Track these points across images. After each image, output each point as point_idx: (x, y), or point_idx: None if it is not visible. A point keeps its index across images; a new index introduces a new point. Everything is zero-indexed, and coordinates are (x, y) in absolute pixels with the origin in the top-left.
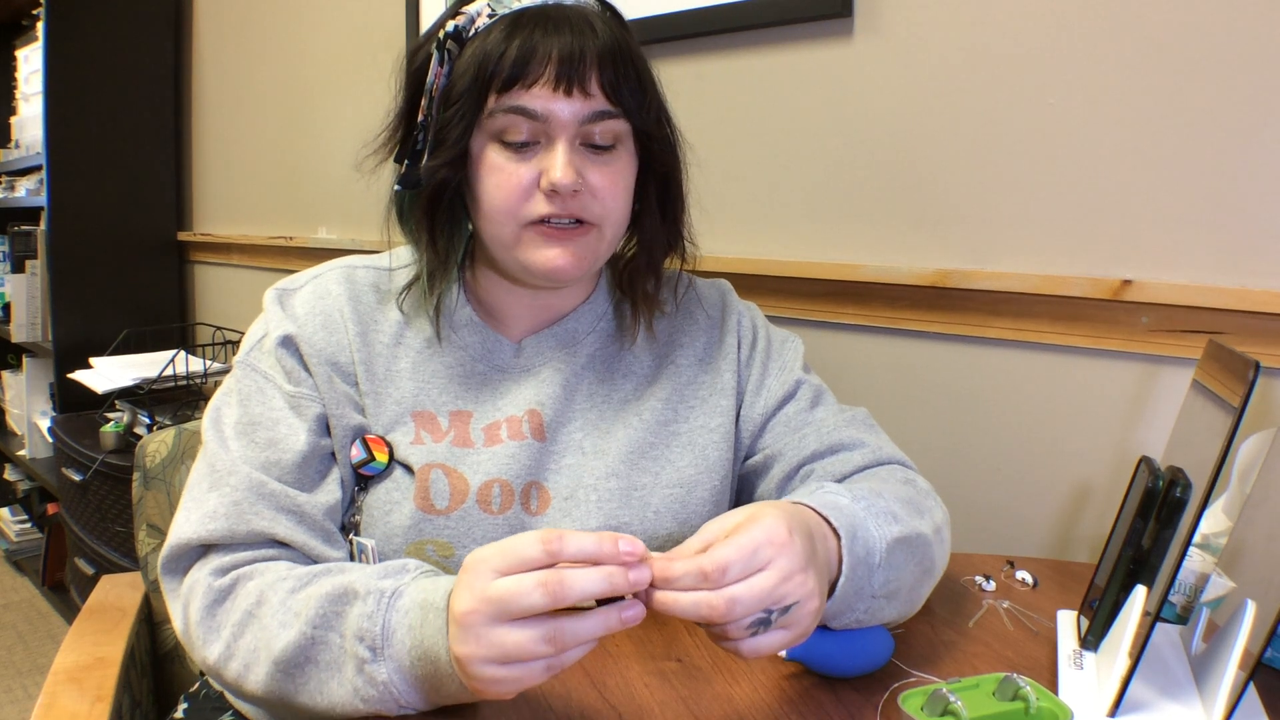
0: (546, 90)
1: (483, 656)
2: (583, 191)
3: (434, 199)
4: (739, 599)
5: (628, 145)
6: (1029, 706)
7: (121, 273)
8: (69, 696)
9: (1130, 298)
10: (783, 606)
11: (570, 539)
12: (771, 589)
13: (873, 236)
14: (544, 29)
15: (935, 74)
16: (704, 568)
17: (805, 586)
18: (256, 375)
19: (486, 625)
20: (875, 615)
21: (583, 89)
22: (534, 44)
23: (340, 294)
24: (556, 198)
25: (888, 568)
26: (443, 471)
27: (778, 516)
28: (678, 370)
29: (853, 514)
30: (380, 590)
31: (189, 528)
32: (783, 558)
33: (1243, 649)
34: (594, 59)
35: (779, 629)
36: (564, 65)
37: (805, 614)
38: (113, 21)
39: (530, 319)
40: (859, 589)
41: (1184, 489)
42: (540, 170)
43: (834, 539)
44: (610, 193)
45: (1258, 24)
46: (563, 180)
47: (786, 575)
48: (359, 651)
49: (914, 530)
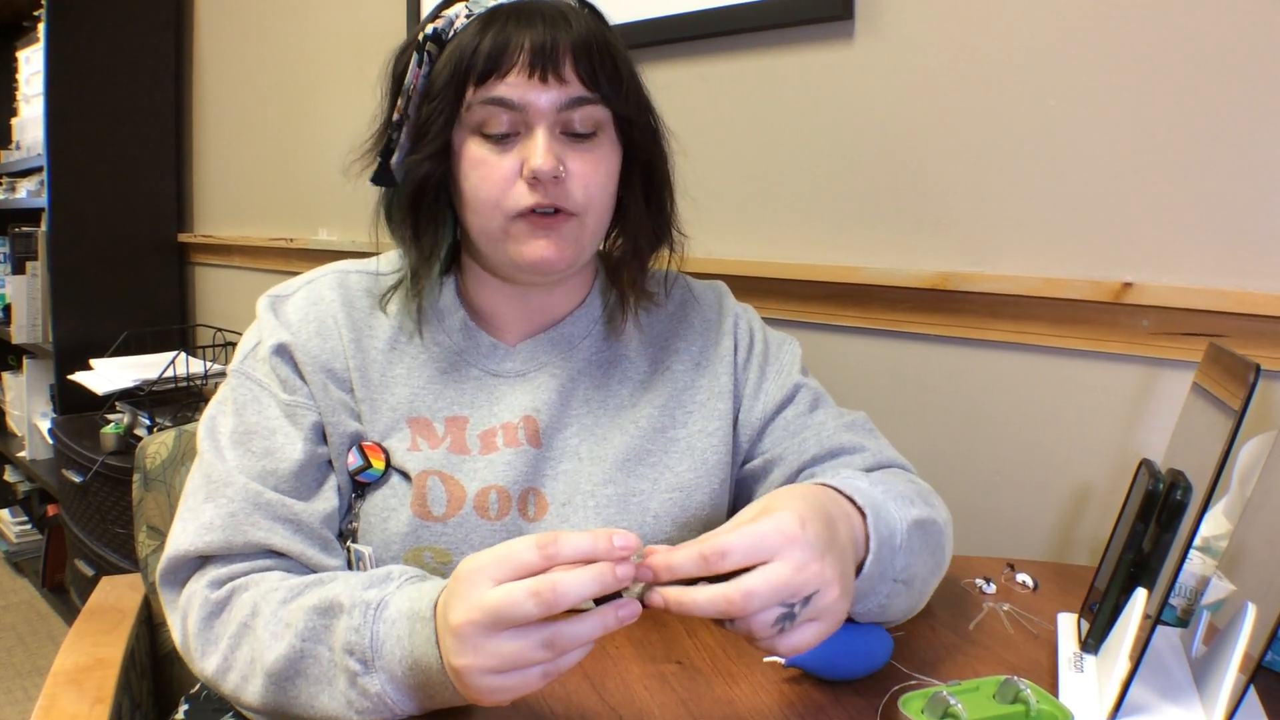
0: (521, 79)
1: (481, 667)
2: (564, 179)
3: (417, 194)
4: (754, 591)
5: (609, 133)
6: (1029, 709)
7: (122, 274)
8: (69, 698)
9: (1131, 300)
10: (803, 598)
11: (565, 541)
12: (786, 580)
13: (873, 239)
14: (517, 21)
15: (936, 76)
16: (703, 551)
17: (822, 575)
18: (251, 384)
19: (483, 636)
20: (894, 601)
21: (558, 76)
22: (507, 36)
23: (334, 300)
24: (539, 186)
25: (908, 551)
26: (439, 478)
27: (790, 508)
28: (674, 375)
29: (873, 495)
30: (365, 602)
31: (186, 540)
32: (794, 549)
33: (1243, 652)
34: (568, 46)
35: (808, 621)
36: (537, 54)
37: (830, 601)
38: (113, 22)
39: (524, 322)
40: (883, 570)
41: (1184, 492)
42: (522, 160)
43: (859, 518)
44: (592, 179)
45: (1258, 25)
46: (543, 166)
47: (800, 565)
48: (349, 665)
49: (928, 515)
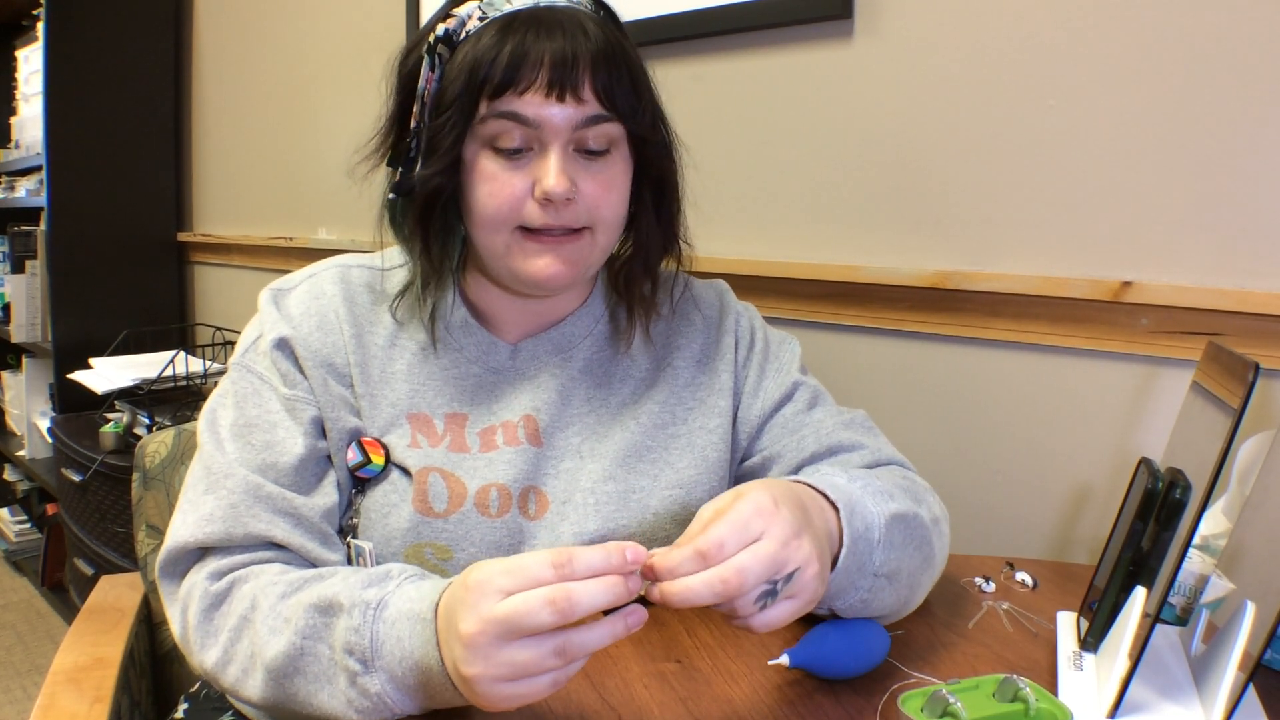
0: (539, 96)
1: (492, 676)
2: (576, 200)
3: (427, 207)
4: (746, 568)
5: (622, 149)
6: (1029, 708)
7: (121, 273)
8: (68, 697)
9: (1130, 299)
10: (786, 575)
11: (580, 559)
12: (774, 554)
13: (873, 238)
14: (536, 32)
15: (935, 75)
16: (700, 548)
17: (802, 551)
18: (252, 377)
19: (495, 645)
20: (878, 596)
21: (575, 94)
22: (526, 48)
23: (335, 294)
24: (550, 206)
25: (887, 545)
26: (440, 475)
27: (762, 490)
28: (675, 373)
29: (849, 491)
30: (365, 602)
31: (185, 531)
32: (775, 526)
33: (1242, 650)
34: (587, 62)
35: (785, 599)
36: (556, 70)
37: (808, 579)
38: (113, 21)
39: (525, 323)
40: (861, 565)
41: (1183, 490)
42: (533, 179)
43: (832, 512)
44: (604, 200)
45: (1257, 24)
46: (556, 189)
47: (783, 541)
48: (349, 665)
49: (910, 510)
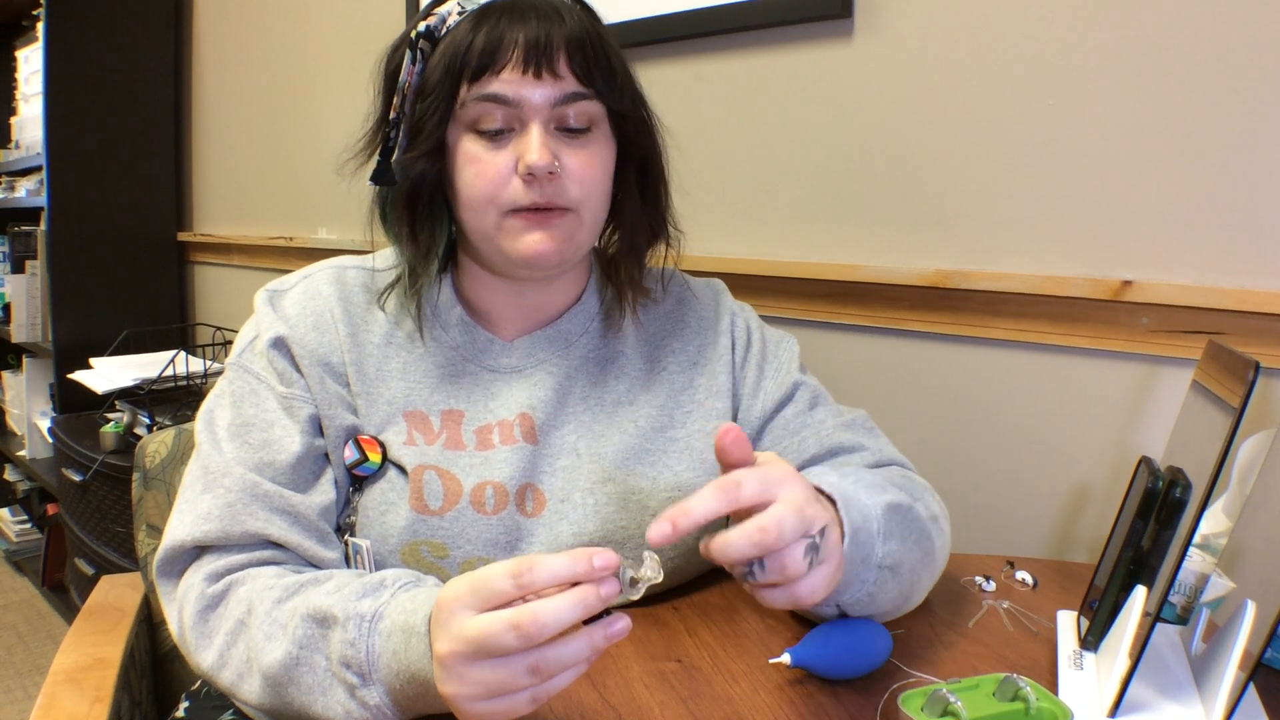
0: (515, 75)
1: (468, 695)
2: (559, 175)
3: (413, 192)
4: (783, 517)
5: (603, 128)
6: (1029, 707)
7: (121, 273)
8: (68, 697)
9: (1130, 298)
10: (820, 529)
11: (541, 567)
12: (802, 506)
13: (872, 237)
14: (510, 18)
15: (935, 74)
16: (716, 484)
17: (825, 511)
18: (249, 377)
19: (465, 665)
20: (883, 589)
21: (552, 71)
22: (500, 32)
23: (331, 294)
24: (534, 182)
25: (887, 536)
26: (436, 473)
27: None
28: (670, 375)
29: (843, 487)
30: (360, 614)
31: (183, 529)
32: (796, 483)
33: (1243, 649)
34: (561, 42)
35: (820, 564)
36: (531, 49)
37: (834, 541)
38: (113, 21)
39: (521, 319)
40: (865, 557)
41: (1184, 489)
42: (516, 156)
43: (830, 504)
44: (587, 175)
45: (1257, 24)
46: (538, 162)
47: (808, 496)
48: (347, 677)
49: (905, 501)
